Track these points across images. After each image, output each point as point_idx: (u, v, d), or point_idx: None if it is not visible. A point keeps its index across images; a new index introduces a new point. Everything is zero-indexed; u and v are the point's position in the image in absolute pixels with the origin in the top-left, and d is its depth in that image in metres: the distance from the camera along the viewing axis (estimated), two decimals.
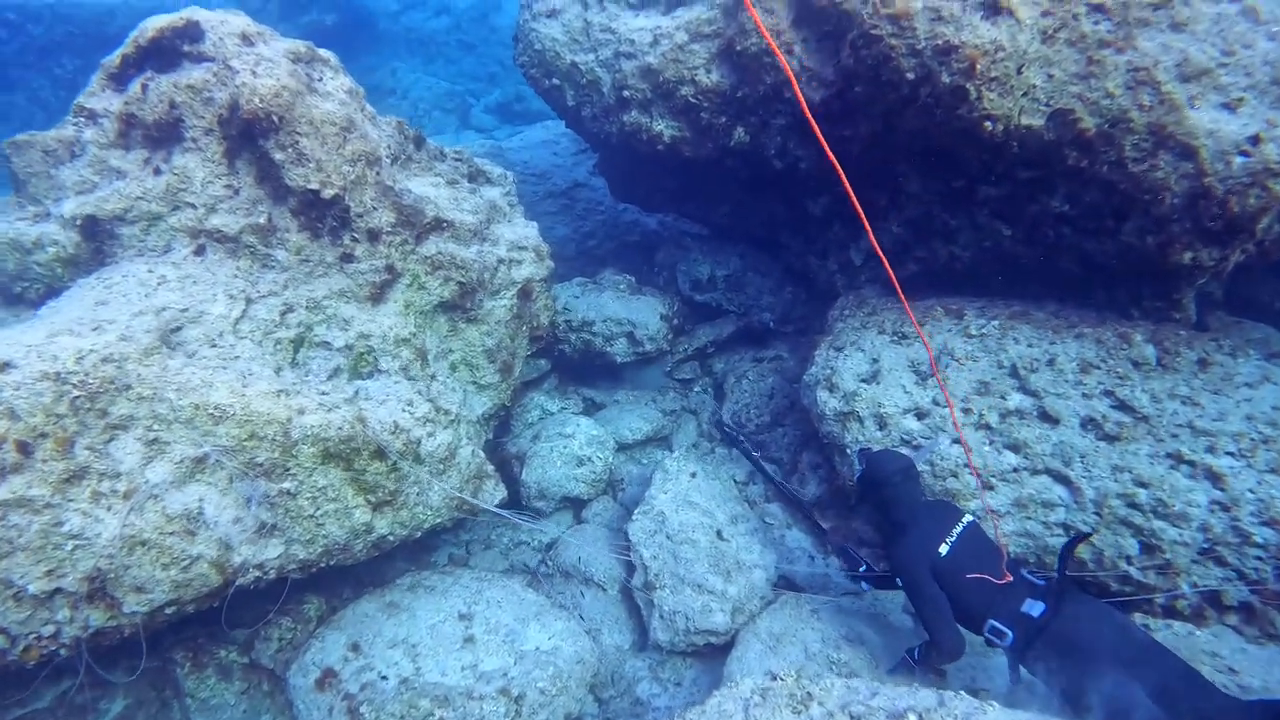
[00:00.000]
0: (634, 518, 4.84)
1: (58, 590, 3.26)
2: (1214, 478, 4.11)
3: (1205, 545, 4.06)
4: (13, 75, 13.92)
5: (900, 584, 3.79)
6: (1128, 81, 4.36)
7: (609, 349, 6.52)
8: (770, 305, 7.44)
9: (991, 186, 5.27)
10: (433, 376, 4.67)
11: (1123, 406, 4.47)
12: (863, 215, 3.51)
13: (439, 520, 4.40)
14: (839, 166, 3.41)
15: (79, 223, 4.14)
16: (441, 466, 4.32)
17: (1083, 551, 4.20)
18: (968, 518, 3.81)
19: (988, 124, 4.65)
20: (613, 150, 7.01)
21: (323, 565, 3.98)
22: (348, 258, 4.36)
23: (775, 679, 2.71)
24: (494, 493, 4.75)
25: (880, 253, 3.64)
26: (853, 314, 5.83)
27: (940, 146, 5.19)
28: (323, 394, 3.96)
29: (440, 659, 4.23)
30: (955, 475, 4.37)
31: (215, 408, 3.52)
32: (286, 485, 3.70)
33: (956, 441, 4.44)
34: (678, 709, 4.33)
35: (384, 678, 4.12)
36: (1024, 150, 4.75)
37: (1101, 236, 4.95)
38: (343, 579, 4.87)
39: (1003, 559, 3.64)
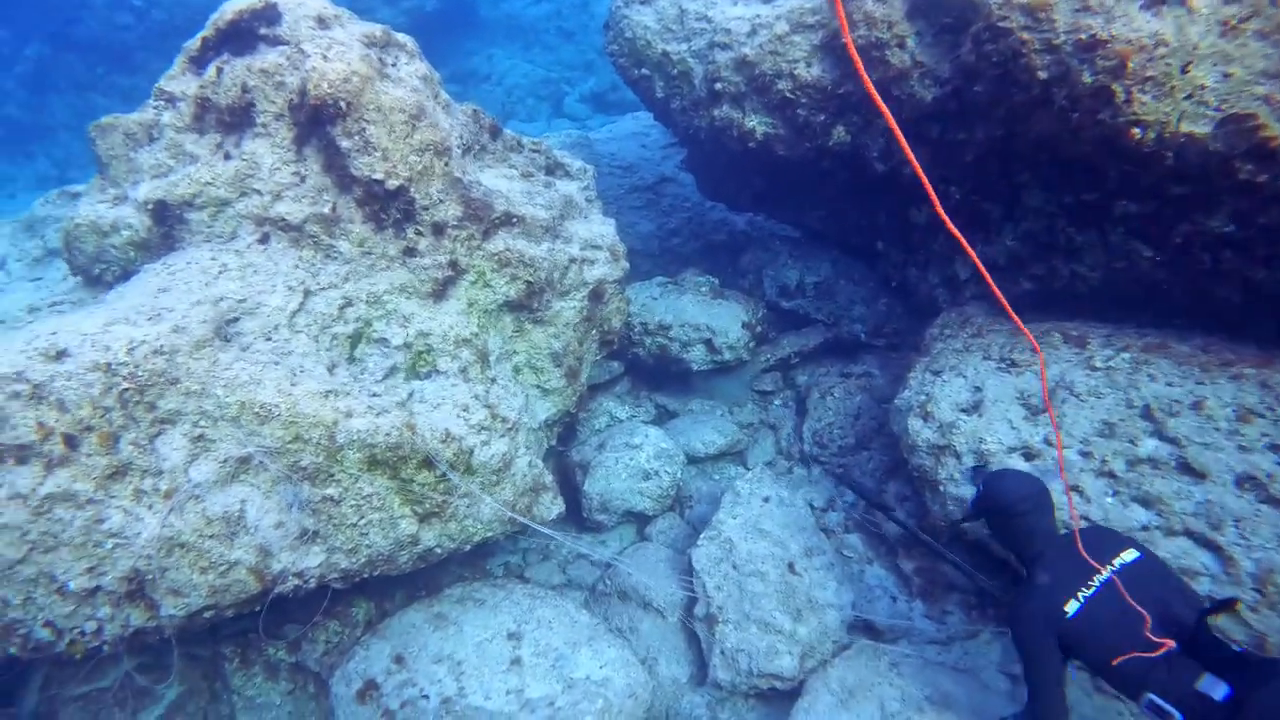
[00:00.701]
0: (699, 543, 4.50)
1: (98, 588, 3.19)
2: None
3: None
4: (137, 59, 14.63)
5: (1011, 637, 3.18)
6: None
7: (685, 355, 6.17)
8: (862, 316, 6.93)
9: (1133, 202, 4.58)
10: (493, 380, 4.44)
11: None
12: (954, 229, 3.05)
13: (490, 534, 4.17)
14: (922, 174, 2.96)
15: (150, 207, 4.08)
16: (495, 478, 4.08)
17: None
18: (1129, 554, 3.08)
19: (1135, 131, 4.02)
20: (701, 146, 6.63)
21: (365, 575, 3.81)
22: (410, 251, 4.17)
23: None
24: (551, 507, 4.49)
25: (981, 267, 3.16)
26: (954, 334, 5.30)
27: (1072, 156, 4.58)
28: (374, 396, 3.78)
29: (485, 680, 4.01)
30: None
31: (261, 406, 3.37)
32: (330, 491, 3.53)
33: (1072, 487, 3.88)
34: None
35: (425, 696, 3.94)
36: (1180, 162, 4.08)
37: (1275, 261, 4.24)
38: (394, 583, 4.72)
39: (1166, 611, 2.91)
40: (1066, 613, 2.94)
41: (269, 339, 3.66)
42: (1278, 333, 4.50)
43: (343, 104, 3.73)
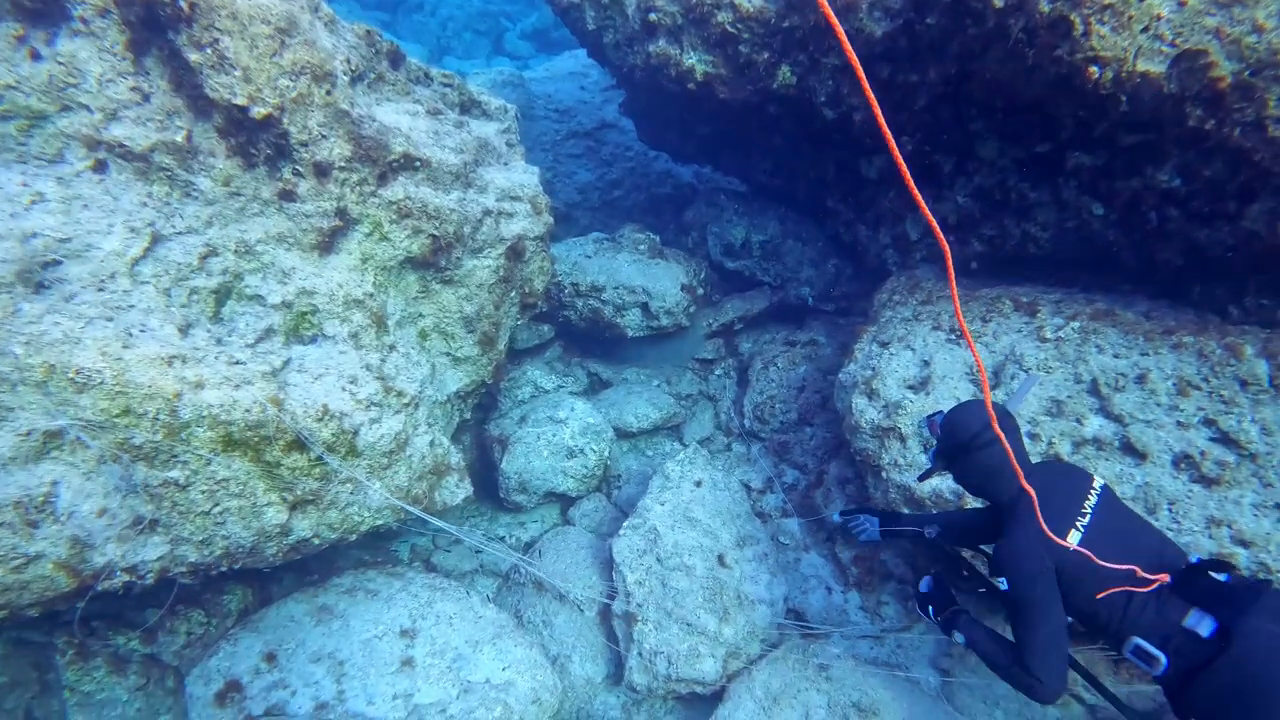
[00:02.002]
0: (621, 532, 4.06)
1: None
2: None
3: None
4: None
5: (1002, 587, 2.65)
6: None
7: (619, 320, 5.68)
8: (810, 279, 6.52)
9: (1085, 154, 4.28)
10: (391, 347, 3.90)
11: (1226, 440, 3.52)
12: (910, 179, 2.59)
13: (381, 522, 3.67)
14: (878, 109, 2.45)
15: None
16: (385, 460, 3.57)
17: None
18: (1098, 483, 2.69)
19: (1093, 69, 3.66)
20: (637, 87, 6.07)
21: (225, 569, 3.29)
22: (288, 195, 3.58)
23: None
24: (455, 491, 4.00)
25: (936, 227, 2.73)
26: (903, 300, 4.91)
27: (1027, 100, 4.21)
28: (235, 364, 3.21)
29: (369, 683, 3.55)
30: None
31: (77, 371, 2.79)
32: (174, 474, 2.98)
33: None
34: None
35: (295, 698, 3.46)
36: (1134, 107, 3.74)
37: (1217, 221, 3.95)
38: (280, 565, 4.20)
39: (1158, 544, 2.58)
40: (1069, 544, 2.49)
41: (101, 290, 3.06)
42: (1205, 294, 4.31)
43: (183, 4, 3.08)
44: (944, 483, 3.62)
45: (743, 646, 3.70)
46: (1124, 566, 2.45)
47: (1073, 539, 2.50)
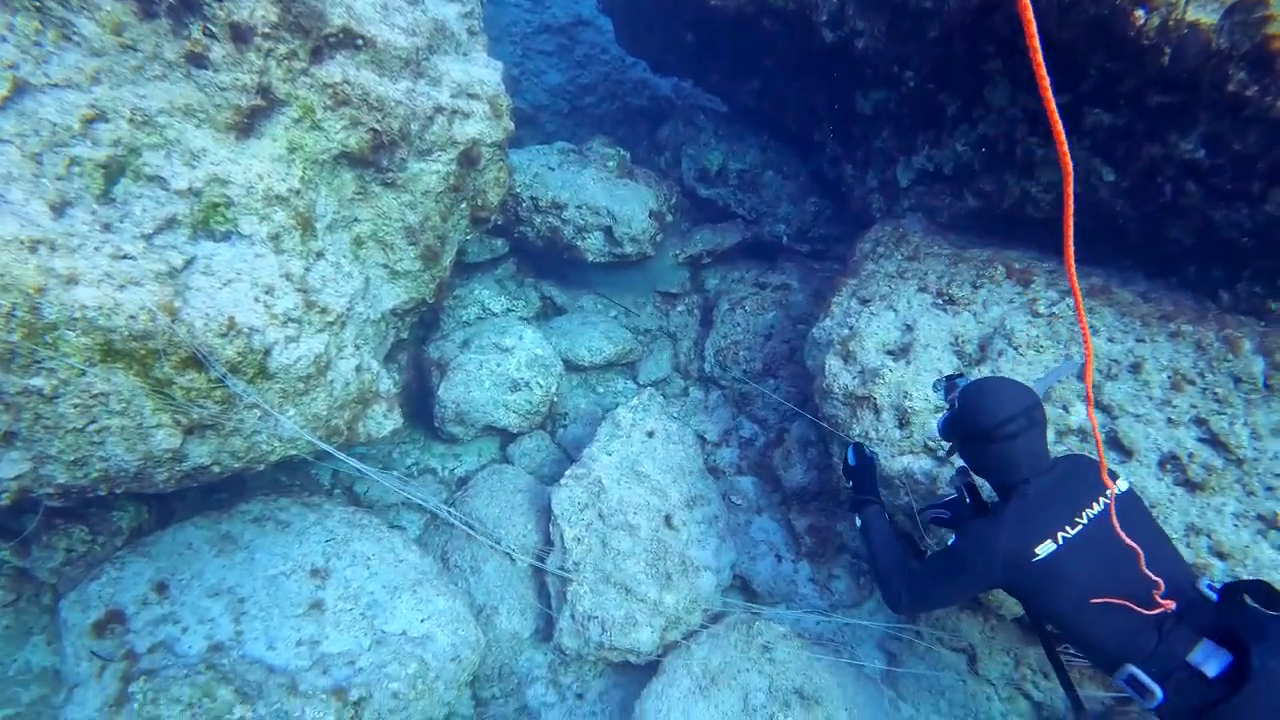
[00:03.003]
0: (563, 482, 3.73)
1: None
2: None
3: None
4: None
5: (950, 541, 2.60)
6: None
7: (580, 243, 5.23)
8: (787, 216, 6.12)
9: (1106, 111, 3.92)
10: (319, 254, 3.42)
11: (1215, 442, 3.32)
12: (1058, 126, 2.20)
13: (295, 453, 3.26)
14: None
15: None
16: (302, 385, 3.14)
17: None
18: (1117, 490, 2.39)
19: (1139, 14, 3.29)
20: None
21: (103, 492, 2.87)
22: (198, 60, 3.00)
23: None
24: (383, 422, 3.61)
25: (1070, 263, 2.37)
26: (888, 253, 4.56)
27: (1056, 43, 3.80)
28: (122, 258, 2.71)
29: (272, 625, 3.22)
30: None
31: None
32: (36, 383, 2.52)
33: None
34: None
35: (186, 635, 3.11)
36: (1175, 62, 3.37)
37: (1236, 202, 3.66)
38: None
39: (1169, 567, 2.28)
40: (1036, 554, 2.29)
41: None
42: (1199, 275, 4.06)
43: None
44: (916, 463, 3.36)
45: (683, 617, 3.47)
46: (1105, 591, 2.24)
47: (1044, 549, 2.29)
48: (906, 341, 3.70)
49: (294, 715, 2.93)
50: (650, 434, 3.98)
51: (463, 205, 4.19)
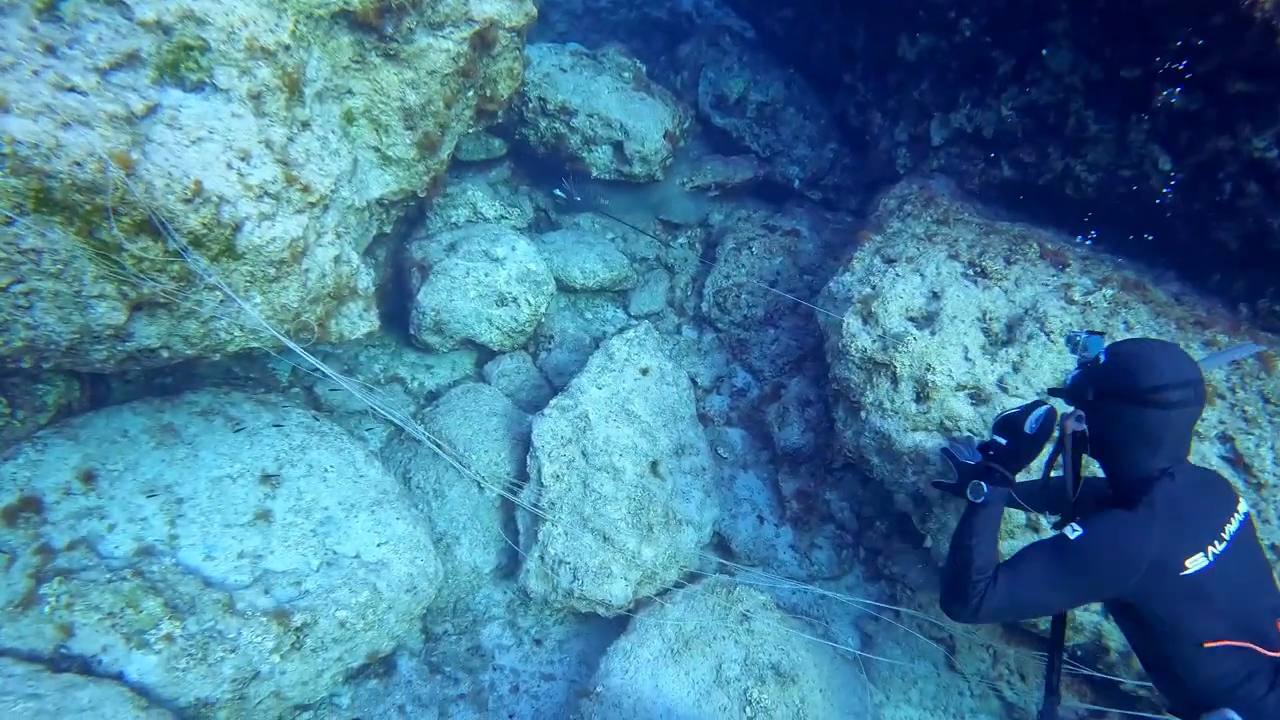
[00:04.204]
0: (547, 411, 3.43)
1: None
2: None
3: None
4: None
5: (1070, 533, 2.05)
6: None
7: (585, 155, 4.82)
8: (803, 159, 5.76)
9: (1180, 94, 3.65)
10: (305, 124, 2.98)
11: (1237, 463, 3.19)
12: None
13: (258, 345, 2.90)
14: None
15: None
16: (274, 271, 2.76)
17: (1079, 638, 3.04)
18: (1243, 507, 2.10)
19: None
20: None
21: (25, 365, 2.50)
22: None
23: None
24: (357, 323, 3.25)
25: None
26: (916, 213, 4.28)
27: (1143, 6, 3.51)
28: (69, 90, 2.28)
29: (212, 533, 2.92)
30: None
31: None
32: None
33: None
34: (527, 678, 3.19)
35: (112, 534, 2.79)
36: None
37: None
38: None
39: None
40: (1186, 568, 1.92)
41: None
42: (1229, 288, 3.89)
43: None
44: (929, 441, 3.15)
45: (660, 572, 3.26)
46: (1242, 618, 1.94)
47: (1194, 564, 1.92)
48: (933, 310, 3.45)
49: (228, 636, 2.66)
50: (644, 371, 3.70)
51: (470, 93, 3.75)
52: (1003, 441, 2.34)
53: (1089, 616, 2.99)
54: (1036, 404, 2.35)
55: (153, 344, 2.65)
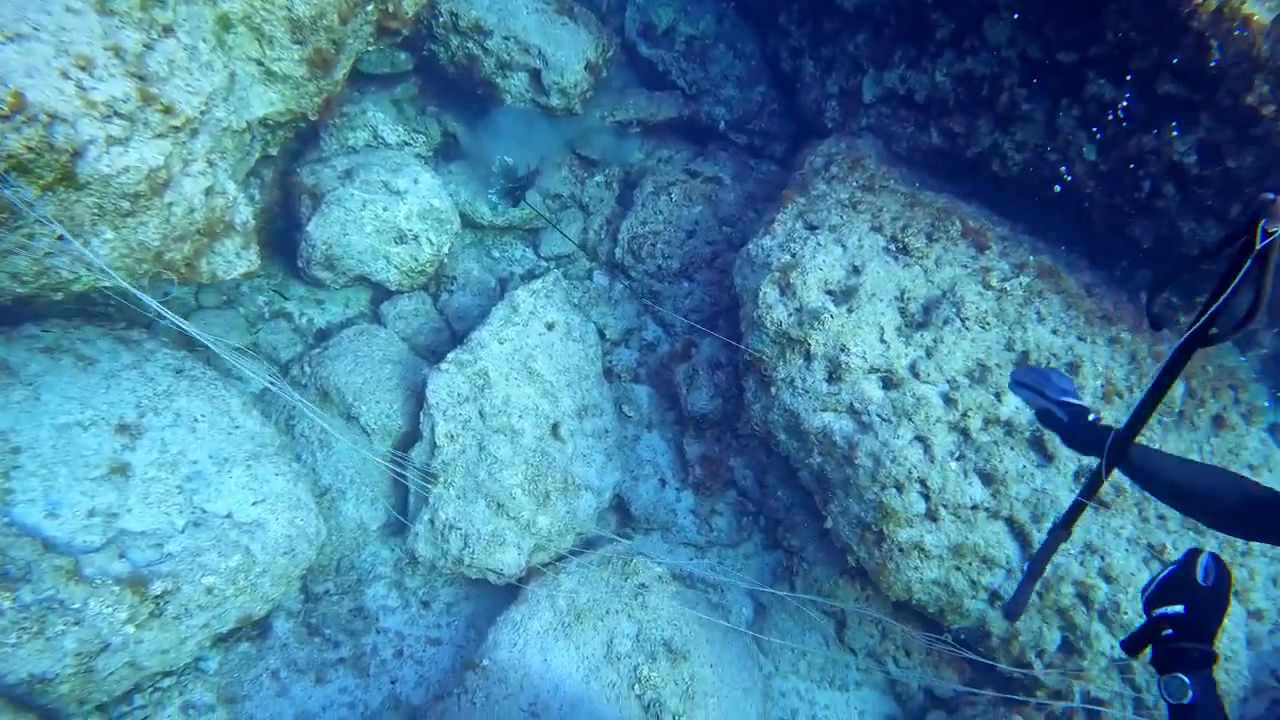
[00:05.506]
0: (443, 366, 3.22)
1: None
2: None
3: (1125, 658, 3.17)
4: None
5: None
6: None
7: (499, 81, 4.44)
8: (730, 100, 5.53)
9: (1111, 85, 3.63)
10: (167, 29, 2.57)
11: None
12: None
13: (105, 284, 2.56)
14: None
15: None
16: (128, 205, 2.41)
17: (963, 622, 3.20)
18: None
19: None
20: None
21: None
22: None
23: None
24: (234, 261, 2.93)
25: None
26: (841, 174, 4.17)
27: None
28: None
29: (56, 487, 2.63)
30: (900, 489, 3.05)
31: None
32: None
33: (920, 437, 3.10)
34: (413, 642, 3.08)
35: None
36: (1220, 54, 3.08)
37: (1207, 219, 3.55)
38: None
39: None
40: None
41: None
42: (1131, 279, 4.03)
43: None
44: (837, 423, 3.13)
45: (554, 540, 3.17)
46: None
47: None
48: (852, 285, 3.38)
49: (70, 606, 2.41)
50: (550, 326, 3.51)
51: (370, 7, 3.35)
52: (1179, 610, 1.75)
53: (975, 605, 3.09)
54: (1189, 557, 1.80)
55: None
